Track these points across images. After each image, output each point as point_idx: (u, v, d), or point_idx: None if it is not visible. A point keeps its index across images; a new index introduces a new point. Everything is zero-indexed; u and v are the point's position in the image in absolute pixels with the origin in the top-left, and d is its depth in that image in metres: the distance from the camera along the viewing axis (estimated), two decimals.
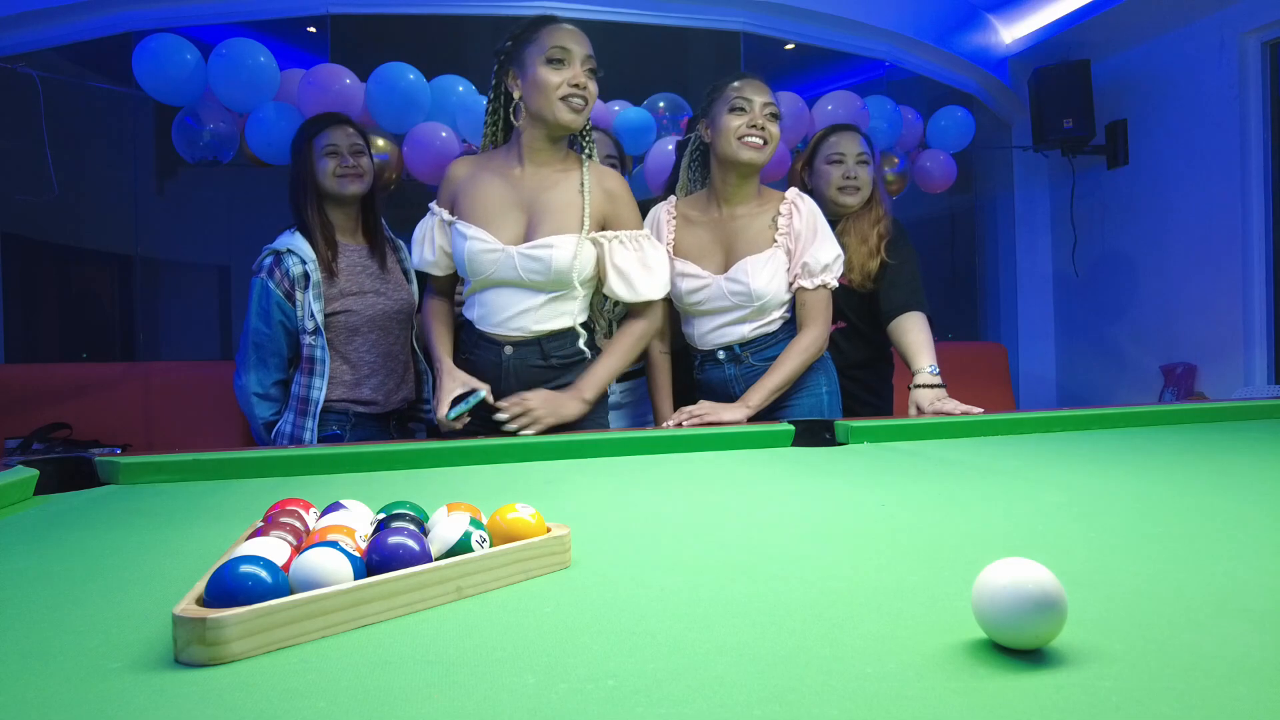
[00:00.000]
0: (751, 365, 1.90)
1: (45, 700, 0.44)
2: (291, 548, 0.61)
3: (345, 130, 2.01)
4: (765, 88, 1.87)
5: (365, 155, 2.03)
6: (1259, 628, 0.51)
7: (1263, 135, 3.87)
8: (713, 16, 4.06)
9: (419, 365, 2.16)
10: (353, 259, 2.03)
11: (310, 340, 1.95)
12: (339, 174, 1.98)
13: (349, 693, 0.44)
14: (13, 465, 1.12)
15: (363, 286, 2.01)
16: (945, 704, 0.41)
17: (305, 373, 1.96)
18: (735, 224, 1.91)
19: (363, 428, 2.01)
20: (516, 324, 1.73)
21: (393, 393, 2.06)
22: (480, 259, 1.69)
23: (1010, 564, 0.48)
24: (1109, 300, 4.54)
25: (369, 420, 2.02)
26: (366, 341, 2.00)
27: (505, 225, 1.72)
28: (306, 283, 1.94)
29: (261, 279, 1.95)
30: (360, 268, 2.03)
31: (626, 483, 1.14)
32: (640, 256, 1.77)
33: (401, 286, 2.10)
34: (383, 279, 2.06)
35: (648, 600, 0.59)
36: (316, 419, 1.95)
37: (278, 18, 3.66)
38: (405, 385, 2.10)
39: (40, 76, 3.15)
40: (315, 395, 1.95)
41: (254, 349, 1.96)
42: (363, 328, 1.99)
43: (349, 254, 2.03)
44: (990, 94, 4.71)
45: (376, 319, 2.01)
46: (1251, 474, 1.09)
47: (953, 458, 1.29)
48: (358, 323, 1.98)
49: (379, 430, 2.06)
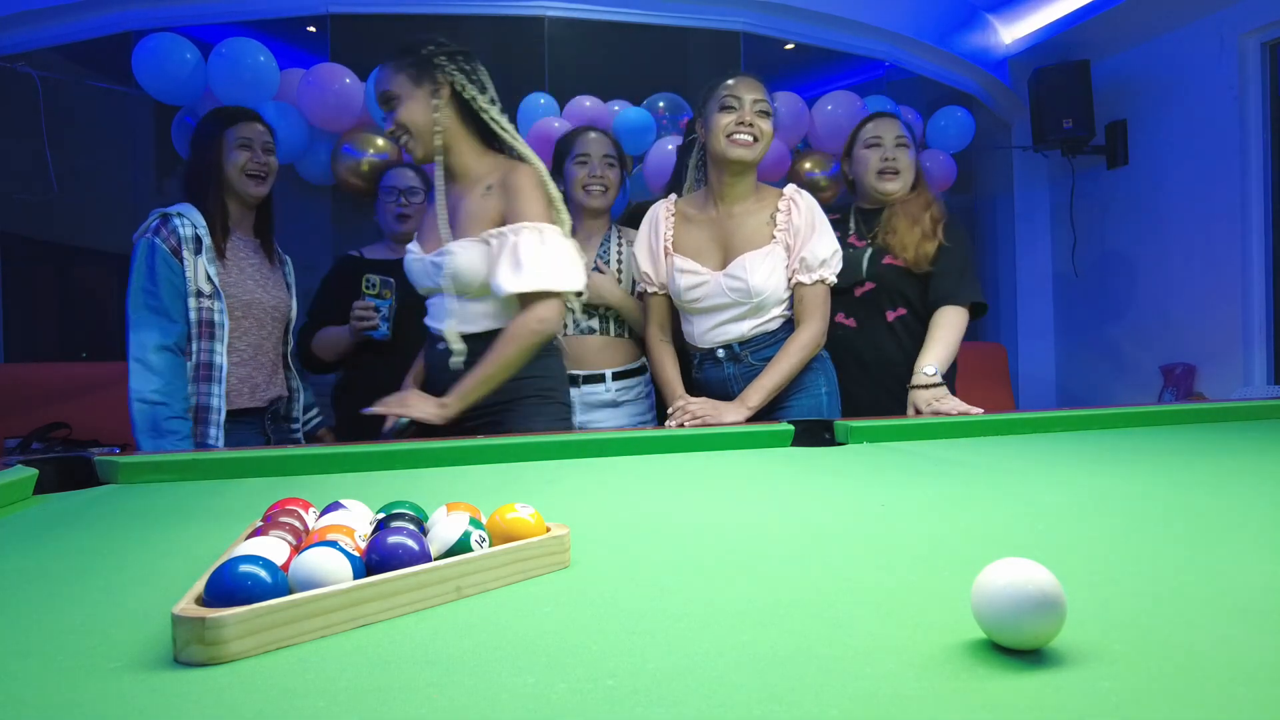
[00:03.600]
0: (750, 365, 1.90)
1: (44, 700, 0.44)
2: (291, 547, 0.61)
3: (257, 127, 2.00)
4: (758, 85, 1.87)
5: (273, 155, 2.03)
6: (1259, 628, 0.51)
7: (1263, 135, 3.87)
8: (713, 16, 4.06)
9: (291, 380, 2.16)
10: (240, 248, 2.00)
11: (208, 304, 1.88)
12: (249, 171, 1.96)
13: (348, 692, 0.44)
14: (12, 465, 1.12)
15: (245, 274, 1.98)
16: (945, 704, 0.41)
17: (205, 337, 1.88)
18: (733, 221, 1.91)
19: (234, 433, 1.94)
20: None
21: (260, 388, 2.02)
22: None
23: (1010, 564, 0.48)
24: (1108, 300, 4.54)
25: (238, 421, 1.96)
26: (239, 328, 1.96)
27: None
28: (198, 246, 1.88)
29: (146, 238, 1.86)
30: (245, 259, 2.00)
31: (626, 483, 1.14)
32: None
33: (282, 290, 2.10)
34: (266, 276, 2.04)
35: (647, 600, 0.59)
36: (224, 385, 1.88)
37: (278, 17, 3.66)
38: (275, 384, 2.08)
39: (40, 76, 3.15)
40: (219, 360, 1.88)
41: (142, 310, 1.83)
42: (237, 312, 1.95)
43: (238, 242, 2.00)
44: (990, 94, 4.71)
45: (253, 307, 1.98)
46: (1251, 474, 1.09)
47: (953, 458, 1.29)
48: (233, 307, 1.94)
49: (251, 434, 2.01)
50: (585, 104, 3.39)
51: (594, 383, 2.12)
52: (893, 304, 2.12)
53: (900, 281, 2.09)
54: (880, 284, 2.11)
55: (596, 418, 2.13)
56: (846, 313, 2.15)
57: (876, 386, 2.11)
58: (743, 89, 1.85)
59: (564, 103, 3.42)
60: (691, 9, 4.01)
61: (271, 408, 2.07)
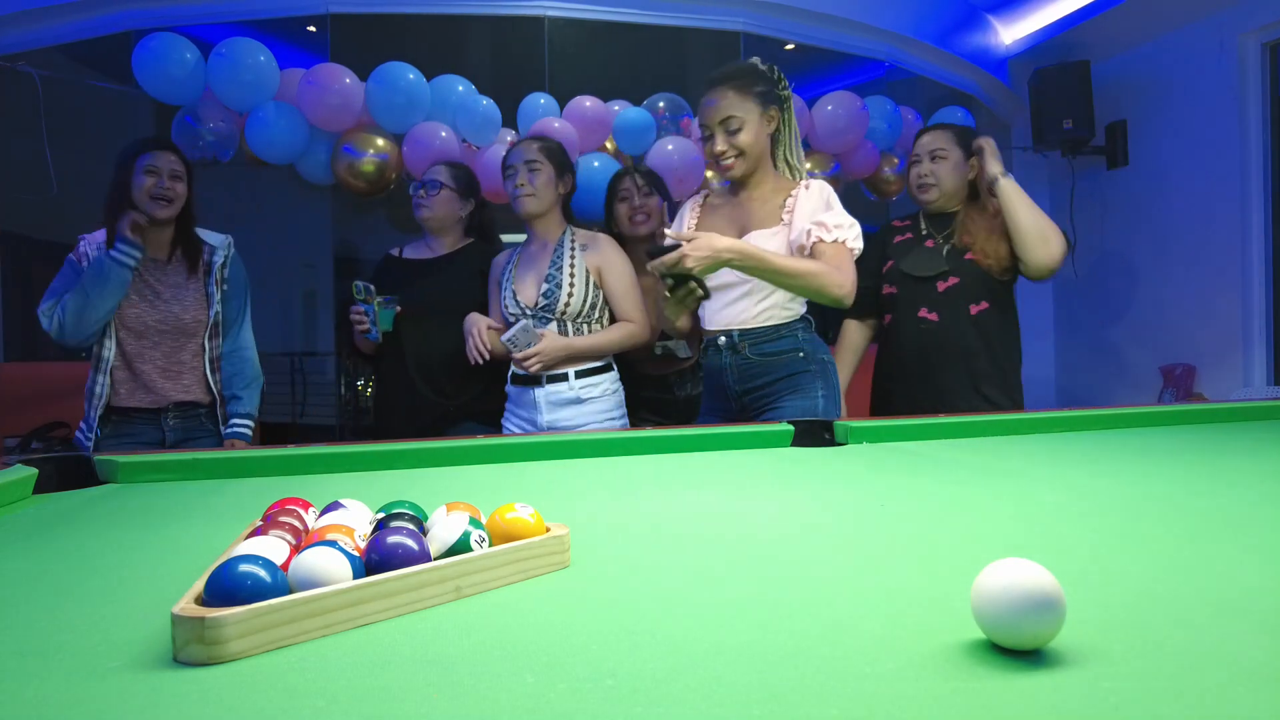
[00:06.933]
0: (748, 358, 1.92)
1: (44, 699, 0.44)
2: (290, 547, 0.61)
3: (168, 156, 2.18)
4: (724, 96, 1.88)
5: (182, 182, 2.20)
6: (1258, 628, 0.51)
7: (1262, 135, 3.87)
8: (713, 16, 4.06)
9: (214, 386, 2.29)
10: (150, 268, 2.22)
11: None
12: (152, 194, 2.15)
13: (348, 692, 0.44)
14: (11, 464, 1.12)
15: (156, 293, 2.20)
16: (945, 704, 0.41)
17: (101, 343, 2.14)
18: (750, 205, 1.96)
19: (126, 426, 2.17)
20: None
21: (163, 392, 2.20)
22: None
23: (1009, 564, 0.48)
24: (1108, 301, 4.54)
25: (132, 418, 2.17)
26: (143, 339, 2.18)
27: None
28: None
29: (69, 259, 2.18)
30: (155, 277, 2.21)
31: (626, 483, 1.14)
32: None
33: (194, 304, 2.25)
34: (173, 293, 2.22)
35: (647, 600, 0.59)
36: (108, 376, 2.13)
37: (278, 17, 3.66)
38: (183, 390, 2.23)
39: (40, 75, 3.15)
40: (106, 355, 2.15)
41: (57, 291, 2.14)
42: (133, 326, 2.17)
43: (150, 264, 2.22)
44: (990, 94, 4.71)
45: (145, 323, 2.19)
46: (1251, 474, 1.09)
47: (953, 458, 1.29)
48: (125, 321, 2.16)
49: (150, 429, 2.21)
50: (585, 104, 3.39)
51: (557, 381, 2.16)
52: (975, 298, 2.21)
53: (982, 276, 2.20)
54: (963, 278, 2.21)
55: (563, 415, 2.16)
56: (930, 307, 2.23)
57: (960, 379, 2.20)
58: (710, 115, 1.90)
59: (564, 103, 3.42)
60: (691, 9, 4.01)
61: (179, 410, 2.23)
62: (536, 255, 2.24)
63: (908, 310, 2.27)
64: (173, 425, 2.21)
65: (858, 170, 3.83)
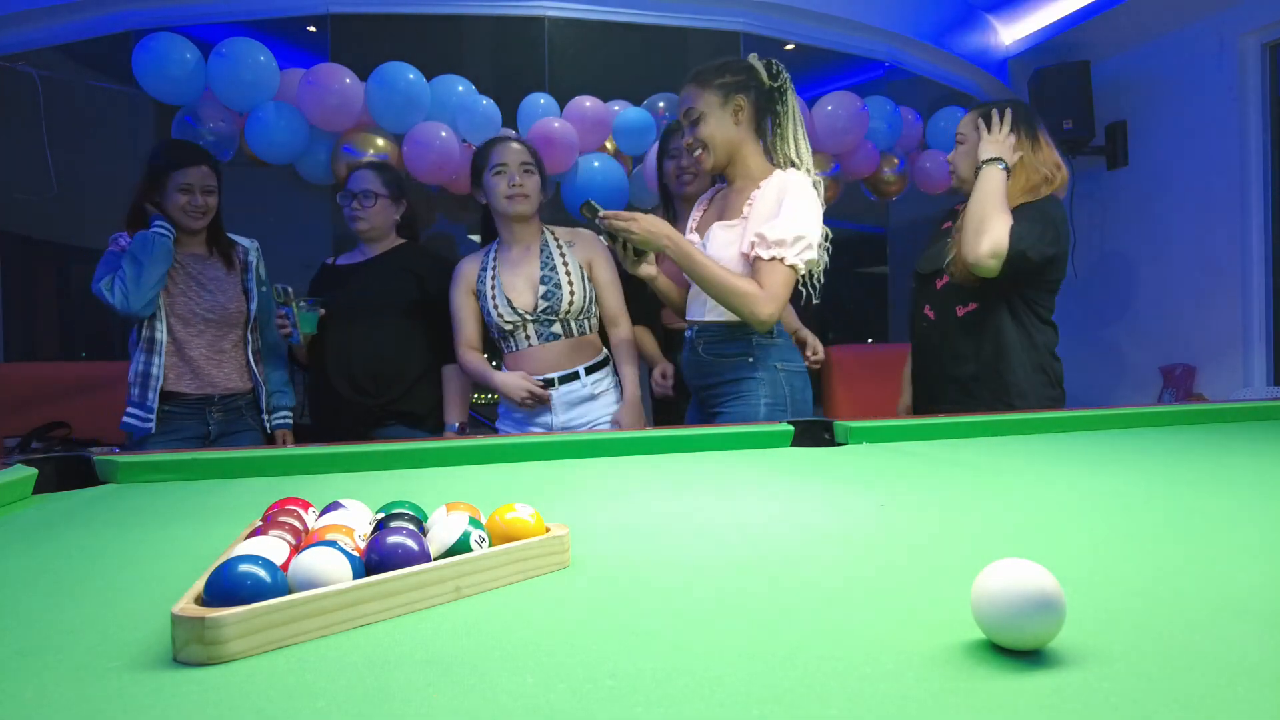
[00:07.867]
0: (701, 357, 1.93)
1: (43, 699, 0.44)
2: (290, 547, 0.61)
3: (201, 170, 2.23)
4: (687, 90, 1.89)
5: (214, 195, 2.26)
6: (1258, 628, 0.51)
7: (1262, 136, 3.87)
8: (713, 16, 4.06)
9: (256, 376, 2.37)
10: (188, 264, 2.28)
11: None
12: (187, 210, 2.21)
13: (348, 692, 0.44)
14: (11, 464, 1.12)
15: (200, 284, 2.28)
16: (945, 704, 0.41)
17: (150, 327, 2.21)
18: (730, 197, 1.95)
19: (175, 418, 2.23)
20: None
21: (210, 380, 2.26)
22: None
23: (1009, 564, 0.48)
24: (1108, 301, 4.54)
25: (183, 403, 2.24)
26: (189, 330, 2.25)
27: None
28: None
29: (110, 250, 2.24)
30: (196, 271, 2.28)
31: (626, 483, 1.14)
32: None
33: (235, 294, 2.33)
34: (218, 281, 2.30)
35: (647, 600, 0.59)
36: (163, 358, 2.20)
37: (278, 17, 3.66)
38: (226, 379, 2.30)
39: (40, 75, 3.15)
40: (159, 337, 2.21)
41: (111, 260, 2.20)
42: (182, 314, 2.24)
43: (185, 258, 2.28)
44: (990, 95, 4.71)
45: (196, 312, 2.26)
46: (1250, 474, 1.09)
47: (952, 458, 1.29)
48: (173, 312, 2.24)
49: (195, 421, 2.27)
50: (585, 104, 3.39)
51: (570, 381, 2.17)
52: (963, 300, 2.12)
53: (971, 278, 2.05)
54: (953, 278, 2.10)
55: (577, 413, 2.17)
56: (931, 305, 2.18)
57: (945, 380, 2.14)
58: (680, 110, 1.92)
59: (564, 103, 3.42)
60: (691, 9, 4.02)
61: (226, 399, 2.29)
62: (520, 259, 2.20)
63: (917, 307, 2.24)
64: (217, 419, 2.28)
65: (858, 170, 3.83)
